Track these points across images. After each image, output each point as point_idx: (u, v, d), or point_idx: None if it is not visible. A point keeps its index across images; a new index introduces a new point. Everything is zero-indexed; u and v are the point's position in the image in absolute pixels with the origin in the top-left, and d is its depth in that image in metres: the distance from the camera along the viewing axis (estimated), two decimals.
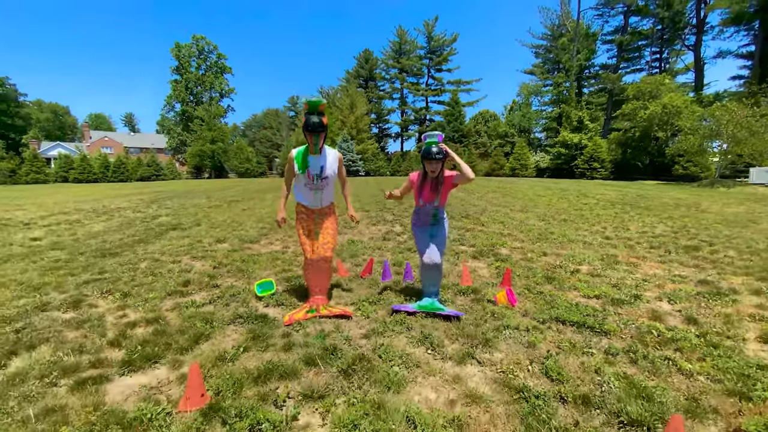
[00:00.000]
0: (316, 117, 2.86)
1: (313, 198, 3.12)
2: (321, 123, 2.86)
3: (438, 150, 2.92)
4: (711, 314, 3.28)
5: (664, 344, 2.67)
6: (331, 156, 3.11)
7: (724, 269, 4.72)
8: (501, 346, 2.60)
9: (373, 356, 2.40)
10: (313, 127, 2.85)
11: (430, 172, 3.01)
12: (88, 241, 6.03)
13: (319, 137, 2.91)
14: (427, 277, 3.19)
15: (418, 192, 3.15)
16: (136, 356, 2.38)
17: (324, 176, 3.05)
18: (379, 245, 5.72)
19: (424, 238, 3.20)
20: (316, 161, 3.03)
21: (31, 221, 8.29)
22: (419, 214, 3.24)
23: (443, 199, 3.13)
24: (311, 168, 3.02)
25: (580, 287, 3.85)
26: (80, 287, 3.76)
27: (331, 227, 3.20)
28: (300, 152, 3.04)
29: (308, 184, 3.06)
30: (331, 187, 3.18)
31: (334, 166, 3.11)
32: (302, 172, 3.01)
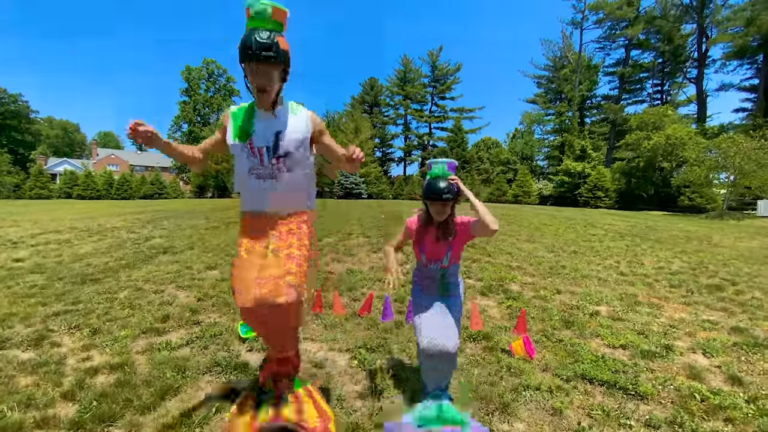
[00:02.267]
0: (263, 32, 1.51)
1: (260, 193, 1.70)
2: (270, 41, 1.50)
3: (447, 187, 2.01)
4: (754, 371, 2.89)
5: (712, 413, 2.28)
6: (296, 118, 1.72)
7: (755, 314, 4.34)
8: (521, 412, 2.21)
9: (369, 425, 2.01)
10: (255, 47, 1.49)
11: (435, 215, 2.08)
12: (72, 264, 5.68)
13: (268, 75, 1.56)
14: (432, 369, 2.05)
15: (418, 245, 2.20)
16: (87, 415, 2.00)
17: (281, 152, 1.66)
18: (380, 276, 5.35)
19: (426, 309, 2.14)
20: (266, 125, 1.68)
21: (20, 240, 7.98)
22: (422, 277, 2.26)
23: (455, 256, 2.16)
24: (256, 136, 1.66)
25: (603, 334, 3.46)
26: (47, 320, 3.38)
27: (297, 246, 1.68)
28: (242, 108, 1.74)
29: (253, 168, 1.67)
30: (298, 177, 1.74)
31: (300, 134, 1.70)
32: (241, 140, 1.67)
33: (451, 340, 1.97)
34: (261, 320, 1.64)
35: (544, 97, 48.24)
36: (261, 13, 1.54)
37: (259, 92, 1.60)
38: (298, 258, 1.64)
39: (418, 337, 2.05)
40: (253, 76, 1.56)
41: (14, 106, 60.94)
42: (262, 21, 1.55)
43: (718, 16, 31.77)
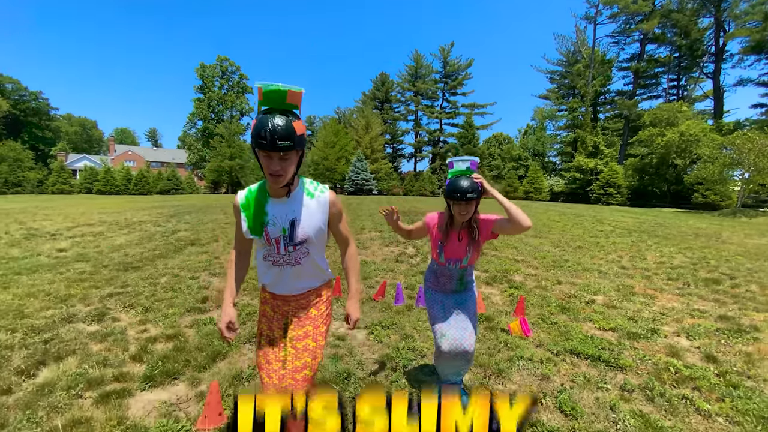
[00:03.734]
0: (279, 118, 1.40)
1: (279, 279, 1.67)
2: (287, 130, 1.40)
3: (471, 186, 1.94)
4: (731, 352, 3.21)
5: (682, 382, 2.63)
6: (313, 202, 1.62)
7: (746, 305, 4.61)
8: (514, 377, 2.60)
9: (386, 383, 2.43)
10: (270, 136, 1.38)
11: (458, 216, 2.02)
12: (111, 254, 6.24)
13: (284, 162, 1.45)
14: (450, 366, 2.14)
15: (437, 244, 2.12)
16: (156, 372, 2.46)
17: (298, 240, 1.59)
18: (392, 267, 5.77)
19: (443, 307, 2.16)
20: (280, 211, 1.59)
21: (57, 232, 8.61)
22: (437, 275, 2.20)
23: (475, 255, 2.11)
24: (271, 225, 1.58)
25: (595, 319, 3.82)
26: (104, 300, 3.90)
27: (312, 336, 1.68)
28: (251, 195, 1.63)
29: (269, 256, 1.63)
30: (316, 259, 1.68)
31: (318, 221, 1.62)
32: (256, 235, 1.60)
33: (469, 341, 2.05)
34: None
35: (557, 92, 47.83)
36: (275, 98, 1.42)
37: (272, 177, 1.45)
38: (314, 350, 1.66)
39: (439, 340, 2.08)
40: (267, 161, 1.42)
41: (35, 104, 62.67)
42: (277, 103, 1.44)
43: (735, 10, 31.16)
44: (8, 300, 3.85)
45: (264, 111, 1.44)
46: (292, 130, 1.39)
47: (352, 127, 50.37)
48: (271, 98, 1.43)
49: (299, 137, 1.43)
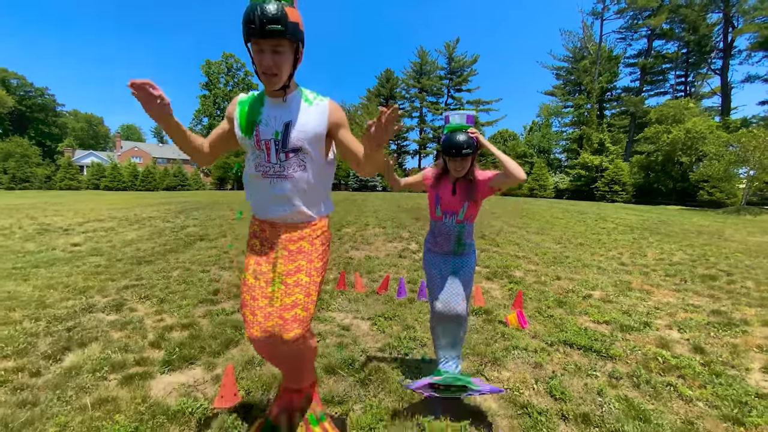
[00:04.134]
0: (269, 2, 1.26)
1: (267, 195, 1.49)
2: (277, 12, 1.25)
3: (467, 140, 1.94)
4: (719, 344, 3.34)
5: (668, 371, 2.78)
6: (312, 108, 1.47)
7: (739, 300, 4.72)
8: (509, 365, 2.76)
9: (388, 369, 2.60)
10: (259, 19, 1.24)
11: (453, 171, 2.04)
12: (124, 248, 6.46)
13: (277, 57, 1.31)
14: (442, 331, 2.17)
15: (434, 197, 2.16)
16: (174, 357, 2.65)
17: (291, 146, 1.42)
18: (395, 262, 5.93)
19: (439, 272, 2.17)
20: (275, 113, 1.44)
21: (70, 227, 8.86)
22: (435, 235, 2.20)
23: (473, 209, 2.11)
24: (263, 125, 1.43)
25: (590, 312, 3.96)
26: (120, 292, 4.10)
27: (305, 270, 1.50)
28: (250, 96, 1.51)
29: (259, 165, 1.46)
30: (312, 177, 1.49)
31: (315, 126, 1.45)
32: (247, 135, 1.46)
33: (461, 305, 2.09)
34: (269, 351, 1.54)
35: (563, 89, 47.61)
36: None
37: (265, 75, 1.32)
38: (307, 285, 1.46)
39: (432, 301, 2.15)
40: (259, 55, 1.29)
41: (41, 100, 63.27)
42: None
43: (744, 6, 30.85)
44: (29, 291, 4.06)
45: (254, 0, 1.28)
46: (283, 14, 1.25)
47: (357, 124, 50.46)
48: None
49: (293, 24, 1.29)
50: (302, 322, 1.45)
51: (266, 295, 1.47)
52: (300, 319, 1.44)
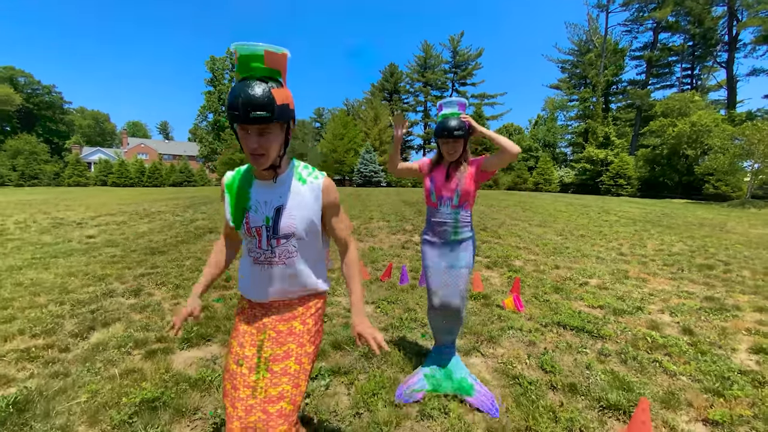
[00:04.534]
0: (256, 85, 1.17)
1: (258, 280, 1.40)
2: (263, 98, 1.16)
3: (458, 124, 2.01)
4: (708, 327, 3.49)
5: (655, 349, 2.94)
6: (305, 188, 1.37)
7: (734, 288, 4.84)
8: (504, 343, 2.93)
9: (390, 345, 2.78)
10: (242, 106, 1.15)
11: (446, 155, 2.10)
12: (137, 240, 6.70)
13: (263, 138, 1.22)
14: (440, 323, 2.25)
15: (428, 183, 2.18)
16: (192, 335, 2.85)
17: (282, 232, 1.34)
18: (398, 253, 6.11)
19: (436, 265, 2.20)
20: (265, 197, 1.35)
21: (83, 221, 9.13)
22: (432, 225, 2.21)
23: (468, 193, 2.10)
24: (253, 212, 1.35)
25: (585, 298, 4.12)
26: (137, 279, 4.32)
27: (295, 357, 1.38)
28: (237, 175, 1.42)
29: (251, 251, 1.39)
30: (305, 262, 1.41)
31: (308, 211, 1.36)
32: (236, 223, 1.37)
33: (456, 298, 2.14)
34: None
35: (568, 82, 47.29)
36: (251, 62, 1.19)
37: (252, 156, 1.23)
38: (296, 375, 1.34)
39: (430, 295, 2.22)
40: (245, 137, 1.21)
41: (48, 97, 63.82)
42: (253, 70, 1.20)
43: None
44: (51, 279, 4.29)
45: (241, 79, 1.20)
46: (270, 99, 1.16)
47: (361, 119, 50.53)
48: (246, 62, 1.20)
49: (281, 107, 1.19)
50: (288, 417, 1.29)
51: (249, 384, 1.32)
52: (286, 414, 1.29)
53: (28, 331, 2.92)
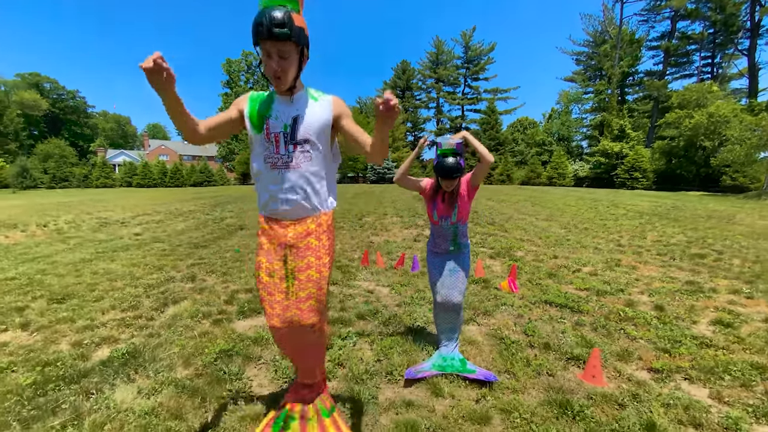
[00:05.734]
0: (277, 8, 1.37)
1: (277, 186, 1.58)
2: (284, 17, 1.36)
3: (455, 165, 2.36)
4: (679, 305, 4.02)
5: (624, 321, 3.53)
6: (317, 104, 1.60)
7: (718, 274, 5.27)
8: (497, 315, 3.58)
9: (403, 315, 3.47)
10: (267, 22, 1.35)
11: (445, 188, 2.49)
12: (179, 236, 7.55)
13: (284, 61, 1.43)
14: (443, 319, 2.66)
15: (431, 205, 2.60)
16: (246, 309, 3.59)
17: (299, 137, 1.55)
18: (410, 245, 6.77)
19: (439, 270, 2.62)
20: (284, 109, 1.56)
21: (125, 220, 10.08)
22: (435, 238, 2.63)
23: (463, 212, 2.53)
24: (273, 119, 1.55)
25: (575, 282, 4.70)
26: (190, 268, 5.12)
27: (315, 267, 1.63)
28: (261, 94, 1.65)
29: (268, 157, 1.57)
30: (317, 167, 1.60)
31: (321, 119, 1.58)
32: (257, 130, 1.57)
33: (458, 297, 2.54)
34: (289, 340, 1.69)
35: (583, 74, 46.87)
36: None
37: (274, 77, 1.45)
38: (318, 280, 1.61)
39: (434, 294, 2.62)
40: (267, 58, 1.41)
41: (73, 102, 66.43)
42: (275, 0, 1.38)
43: None
44: (120, 268, 5.12)
45: (263, 8, 1.39)
46: (289, 18, 1.36)
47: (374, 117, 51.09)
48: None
49: (298, 28, 1.40)
50: (318, 312, 1.62)
51: (281, 290, 1.61)
52: (315, 309, 1.61)
53: (118, 306, 3.72)
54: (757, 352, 2.97)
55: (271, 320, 1.63)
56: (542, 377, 2.53)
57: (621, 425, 2.05)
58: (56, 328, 3.26)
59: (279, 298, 1.61)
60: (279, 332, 1.66)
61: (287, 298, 1.60)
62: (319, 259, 1.63)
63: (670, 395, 2.35)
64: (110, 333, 3.16)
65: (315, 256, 1.62)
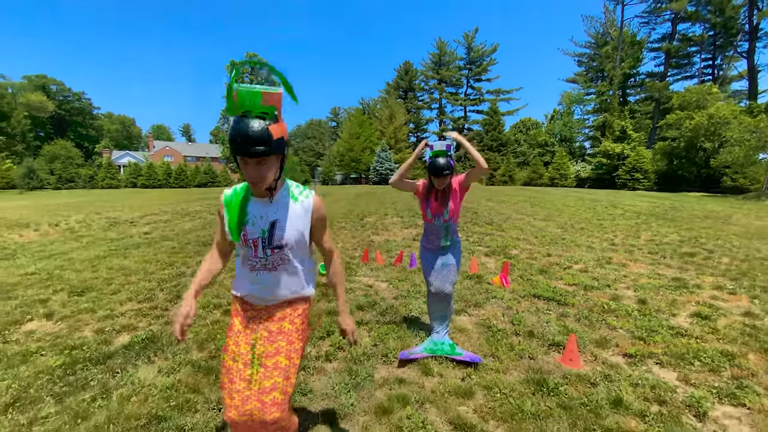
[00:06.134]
0: (254, 122, 1.36)
1: (253, 285, 1.62)
2: (262, 135, 1.35)
3: (446, 164, 2.56)
4: (661, 299, 4.25)
5: (607, 313, 3.76)
6: (297, 206, 1.60)
7: (704, 271, 5.46)
8: (487, 307, 3.82)
9: (399, 307, 3.72)
10: (243, 141, 1.35)
11: (437, 186, 2.68)
12: (187, 235, 7.85)
13: (262, 167, 1.42)
14: (436, 308, 2.91)
15: (424, 203, 2.79)
16: None
17: (276, 243, 1.56)
18: (409, 243, 7.02)
19: (432, 264, 2.88)
20: (261, 212, 1.57)
21: (133, 220, 10.39)
22: (428, 235, 2.88)
23: (455, 210, 2.74)
24: (250, 225, 1.56)
25: (565, 278, 4.93)
26: (199, 264, 5.37)
27: (285, 353, 1.59)
28: (236, 193, 1.61)
29: (246, 259, 1.61)
30: (295, 268, 1.64)
31: (299, 225, 1.59)
32: (234, 236, 1.56)
33: (449, 288, 2.83)
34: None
35: (585, 75, 46.97)
36: (249, 101, 1.35)
37: (251, 183, 1.45)
38: (286, 368, 1.54)
39: (428, 286, 2.93)
40: (245, 167, 1.40)
41: (78, 104, 67.10)
42: (252, 107, 1.36)
43: None
44: (133, 264, 5.40)
45: (241, 114, 1.37)
46: (267, 135, 1.35)
47: (377, 118, 51.46)
48: (245, 101, 1.36)
49: (276, 141, 1.38)
50: (280, 405, 1.50)
51: (244, 378, 1.51)
52: (278, 403, 1.49)
53: (134, 298, 3.99)
54: (729, 342, 3.20)
55: (228, 412, 1.50)
56: (524, 360, 2.78)
57: (590, 399, 2.29)
58: (78, 317, 3.54)
59: (240, 386, 1.50)
60: (237, 427, 1.52)
61: (249, 388, 1.50)
62: (291, 344, 1.57)
63: (639, 377, 2.60)
64: (129, 321, 3.43)
65: (287, 341, 1.57)
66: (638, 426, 2.11)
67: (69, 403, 2.24)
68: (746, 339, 3.24)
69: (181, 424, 2.04)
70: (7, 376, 2.53)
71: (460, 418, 2.11)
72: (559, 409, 2.21)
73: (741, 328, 3.48)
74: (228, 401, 1.50)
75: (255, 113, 1.34)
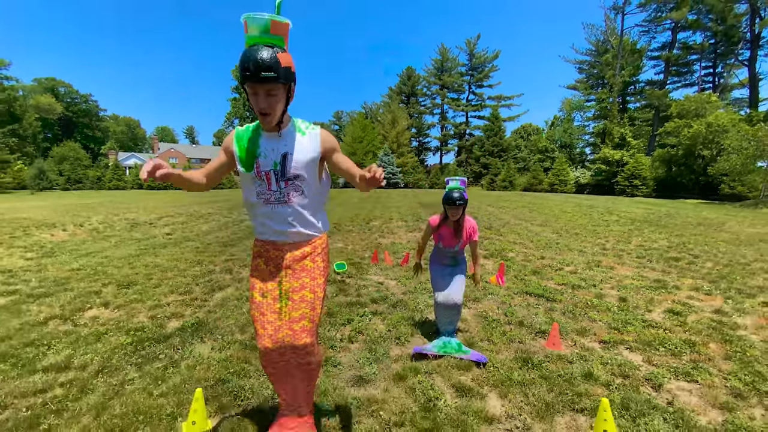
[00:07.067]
0: (263, 49, 1.38)
1: (270, 220, 1.65)
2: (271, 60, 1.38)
3: (459, 196, 2.88)
4: (640, 297, 4.77)
5: (589, 308, 4.30)
6: (305, 138, 1.63)
7: (686, 274, 5.91)
8: (483, 302, 4.37)
9: (408, 301, 4.27)
10: (254, 66, 1.37)
11: (451, 216, 2.97)
12: (206, 236, 8.41)
13: (271, 98, 1.46)
14: (445, 315, 3.14)
15: (437, 236, 3.15)
16: None
17: (290, 174, 1.59)
18: (414, 246, 7.57)
19: (441, 275, 3.18)
20: (272, 145, 1.59)
21: (152, 221, 10.97)
22: (437, 254, 3.26)
23: (464, 243, 3.11)
24: (262, 158, 1.59)
25: (555, 278, 5.47)
26: (225, 262, 5.95)
27: (309, 287, 1.68)
28: (247, 129, 1.66)
29: (261, 193, 1.63)
30: (310, 200, 1.68)
31: (310, 154, 1.62)
32: (247, 169, 1.61)
33: (457, 296, 3.03)
34: (278, 362, 1.65)
35: (586, 83, 47.64)
36: (259, 28, 1.37)
37: (261, 115, 1.46)
38: (312, 301, 1.63)
39: (436, 295, 3.11)
40: (254, 98, 1.43)
41: (85, 105, 68.05)
42: (261, 37, 1.38)
43: None
44: (165, 262, 5.96)
45: (251, 45, 1.39)
46: (276, 61, 1.37)
47: (379, 122, 52.15)
48: (254, 28, 1.38)
49: (285, 69, 1.40)
50: (310, 332, 1.60)
51: (274, 310, 1.62)
52: (308, 330, 1.59)
53: (175, 291, 4.55)
54: (695, 334, 3.71)
55: (262, 341, 1.61)
56: (514, 344, 3.33)
57: (566, 372, 2.84)
58: (132, 306, 4.10)
59: (271, 318, 1.62)
60: (270, 354, 1.63)
61: (280, 319, 1.61)
62: (314, 280, 1.68)
63: (610, 358, 3.13)
64: (176, 310, 3.99)
65: (310, 277, 1.67)
66: (603, 392, 2.64)
67: (148, 370, 2.80)
68: (710, 332, 3.72)
69: (242, 384, 2.59)
70: (89, 351, 3.08)
71: (460, 383, 2.65)
72: (540, 379, 2.75)
73: (708, 322, 3.95)
74: (261, 331, 1.62)
75: (264, 42, 1.41)
